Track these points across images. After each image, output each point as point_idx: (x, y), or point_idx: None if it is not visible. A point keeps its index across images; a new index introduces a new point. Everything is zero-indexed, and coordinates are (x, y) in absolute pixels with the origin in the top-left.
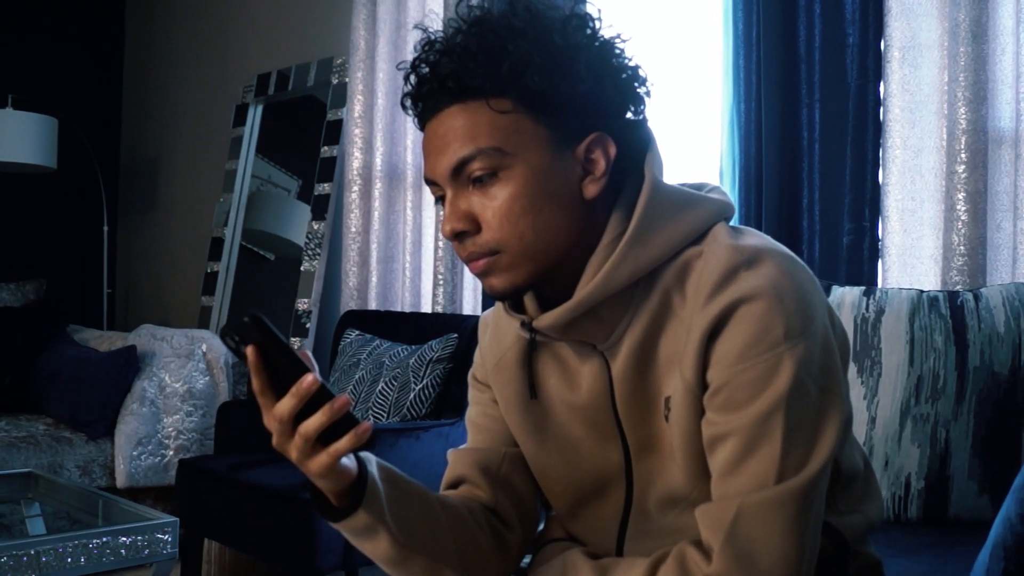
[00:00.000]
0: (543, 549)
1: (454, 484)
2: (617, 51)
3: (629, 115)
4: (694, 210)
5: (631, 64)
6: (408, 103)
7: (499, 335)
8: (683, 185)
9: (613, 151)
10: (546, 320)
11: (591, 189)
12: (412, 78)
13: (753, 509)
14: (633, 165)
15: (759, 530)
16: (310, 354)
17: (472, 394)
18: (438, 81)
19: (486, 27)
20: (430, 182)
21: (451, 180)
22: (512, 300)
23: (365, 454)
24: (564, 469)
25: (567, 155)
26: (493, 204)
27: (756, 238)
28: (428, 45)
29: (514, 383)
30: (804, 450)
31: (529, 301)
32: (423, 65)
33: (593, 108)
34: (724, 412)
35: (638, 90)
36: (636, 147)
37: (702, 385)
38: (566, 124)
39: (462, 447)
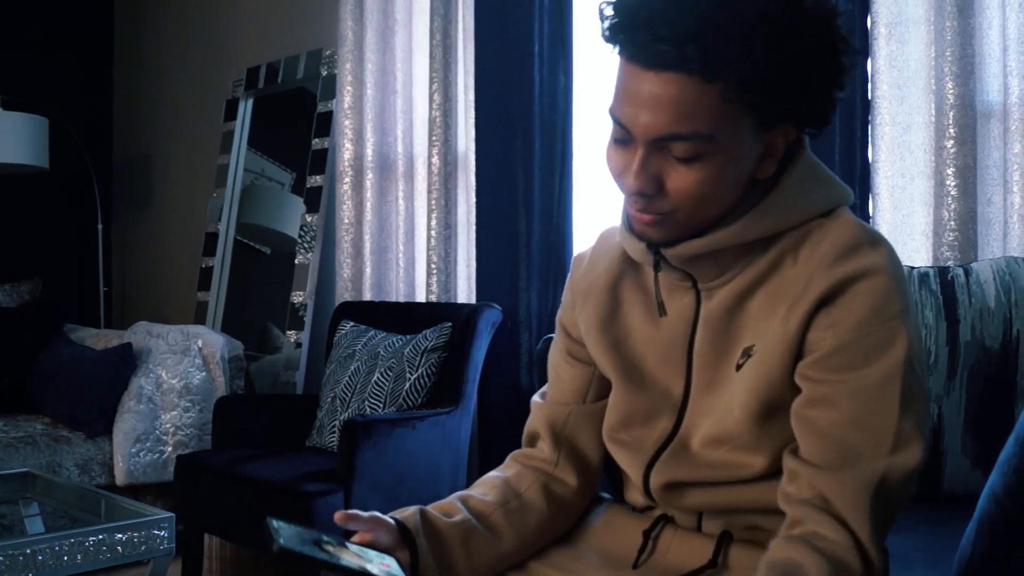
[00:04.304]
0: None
1: (532, 438)
2: (838, 49)
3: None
4: (831, 189)
5: (841, 67)
6: (624, 32)
7: (593, 264)
8: None
9: (792, 135)
10: (678, 250)
11: (766, 171)
12: (647, 14)
13: (891, 478)
14: None
15: (891, 496)
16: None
17: (556, 337)
18: (676, 44)
19: (733, 7)
20: (619, 123)
21: (652, 143)
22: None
23: (414, 523)
24: (625, 391)
25: (758, 139)
26: (684, 178)
27: (872, 227)
28: None
29: (600, 305)
30: (916, 421)
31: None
32: (664, 11)
33: (804, 105)
34: (837, 372)
35: (840, 90)
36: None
37: (800, 339)
38: (773, 116)
39: (540, 400)
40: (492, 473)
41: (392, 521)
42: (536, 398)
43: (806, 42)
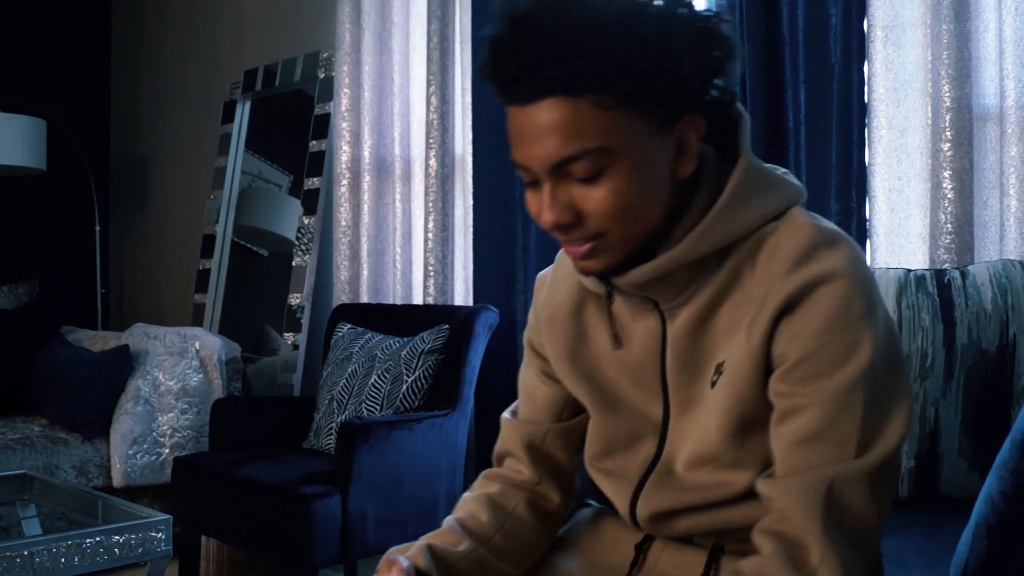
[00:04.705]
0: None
1: (501, 457)
2: (702, 27)
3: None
4: (780, 191)
5: (720, 40)
6: (492, 78)
7: (554, 290)
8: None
9: (703, 129)
10: (628, 277)
11: (685, 170)
12: (501, 53)
13: (842, 480)
14: (714, 136)
15: (848, 501)
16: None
17: (526, 357)
18: (536, 71)
19: (578, 18)
20: (519, 166)
21: (551, 173)
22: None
23: (426, 563)
24: (604, 418)
25: (664, 139)
26: (596, 196)
27: (829, 223)
28: (519, 22)
29: (565, 334)
30: (882, 424)
31: None
32: (514, 47)
33: (688, 93)
34: (804, 383)
35: (727, 66)
36: (718, 119)
37: (765, 351)
38: (664, 112)
39: (512, 417)
40: (470, 494)
41: (408, 565)
42: (507, 415)
43: (658, 29)
